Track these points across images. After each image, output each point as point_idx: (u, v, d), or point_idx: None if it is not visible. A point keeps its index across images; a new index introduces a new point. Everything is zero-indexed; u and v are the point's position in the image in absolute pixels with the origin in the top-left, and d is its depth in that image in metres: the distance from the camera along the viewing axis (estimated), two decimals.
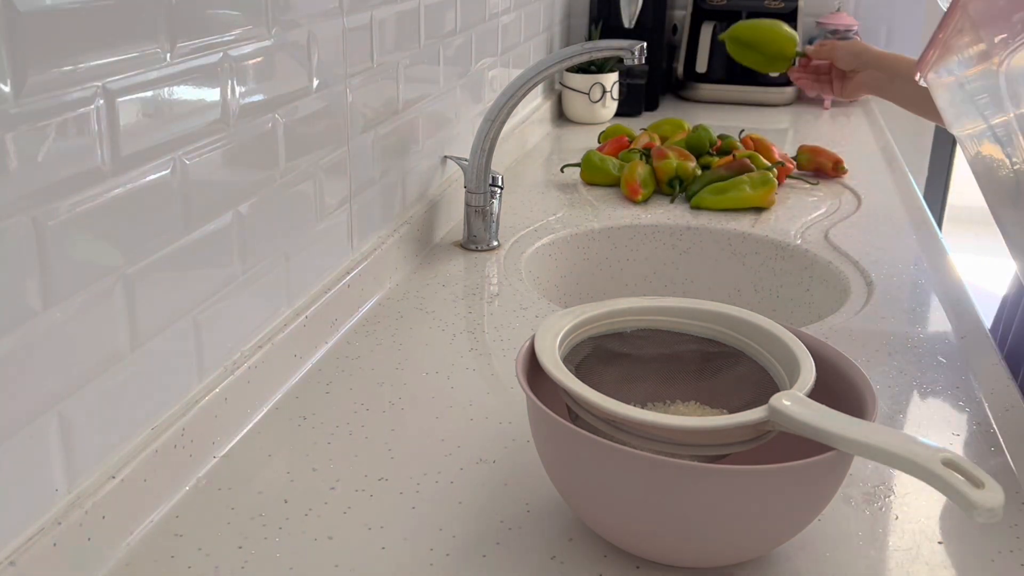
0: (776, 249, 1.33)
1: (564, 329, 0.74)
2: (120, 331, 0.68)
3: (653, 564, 0.67)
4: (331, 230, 1.01)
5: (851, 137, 1.95)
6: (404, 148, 1.19)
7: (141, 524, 0.70)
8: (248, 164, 0.83)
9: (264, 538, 0.69)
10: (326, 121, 0.97)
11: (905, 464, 0.58)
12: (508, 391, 0.91)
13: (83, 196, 0.63)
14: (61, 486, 0.63)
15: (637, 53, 1.17)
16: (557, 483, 0.69)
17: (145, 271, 0.70)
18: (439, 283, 1.16)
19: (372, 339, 1.01)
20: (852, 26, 2.21)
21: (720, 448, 0.66)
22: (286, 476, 0.77)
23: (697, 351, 0.78)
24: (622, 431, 0.65)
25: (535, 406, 0.66)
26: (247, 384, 0.83)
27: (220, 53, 0.77)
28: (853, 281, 1.19)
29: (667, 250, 1.39)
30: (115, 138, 0.65)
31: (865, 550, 0.69)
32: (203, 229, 0.77)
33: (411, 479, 0.77)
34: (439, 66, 1.29)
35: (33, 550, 0.60)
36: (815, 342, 0.74)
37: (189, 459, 0.75)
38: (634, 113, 2.08)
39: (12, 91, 0.56)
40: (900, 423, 0.87)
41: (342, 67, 1.00)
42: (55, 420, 0.62)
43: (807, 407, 0.63)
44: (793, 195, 1.52)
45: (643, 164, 1.51)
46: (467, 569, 0.67)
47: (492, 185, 1.27)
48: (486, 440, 0.82)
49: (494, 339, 1.03)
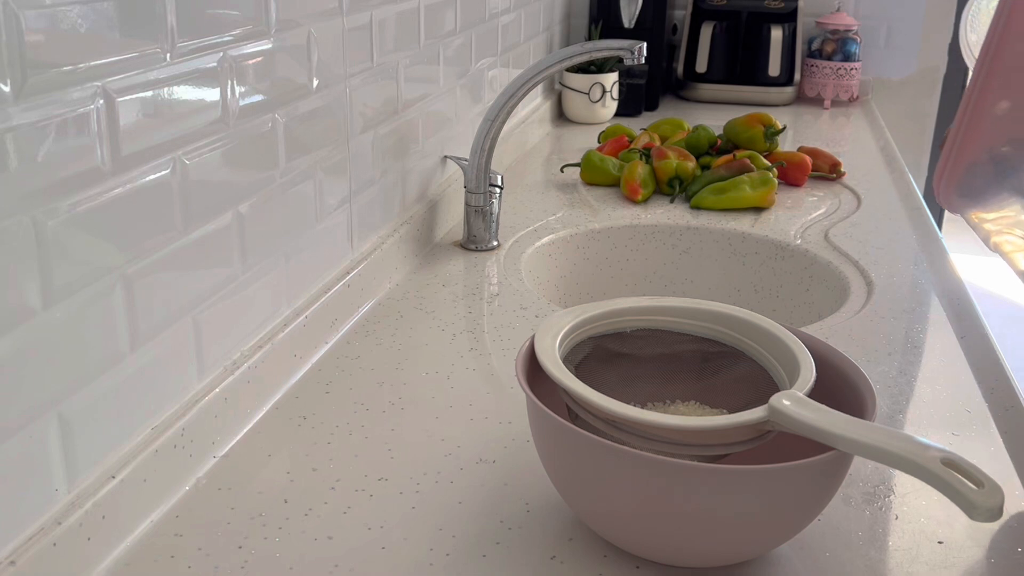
0: (776, 249, 1.33)
1: (564, 329, 0.74)
2: (120, 331, 0.68)
3: (653, 564, 0.67)
4: (331, 230, 1.01)
5: (851, 137, 1.95)
6: (404, 148, 1.19)
7: (141, 524, 0.70)
8: (248, 164, 0.83)
9: (264, 538, 0.69)
10: (326, 121, 0.97)
11: (905, 464, 0.58)
12: (508, 391, 0.91)
13: (83, 196, 0.63)
14: (61, 486, 0.63)
15: (637, 53, 1.17)
16: (557, 483, 0.69)
17: (145, 271, 0.70)
18: (439, 283, 1.16)
19: (372, 339, 1.01)
20: (852, 26, 2.21)
21: (720, 448, 0.66)
22: (286, 476, 0.77)
23: (697, 351, 0.78)
24: (622, 431, 0.65)
25: (535, 406, 0.66)
26: (247, 384, 0.83)
27: (220, 53, 0.77)
28: (853, 281, 1.19)
29: (667, 250, 1.39)
30: (115, 138, 0.65)
31: (865, 550, 0.69)
32: (203, 229, 0.77)
33: (411, 479, 0.77)
34: (439, 66, 1.29)
35: (33, 550, 0.60)
36: (815, 342, 0.74)
37: (189, 459, 0.75)
38: (634, 113, 2.08)
39: (12, 91, 0.56)
40: (900, 423, 0.87)
41: (342, 67, 1.00)
42: (55, 420, 0.62)
43: (807, 407, 0.63)
44: (793, 195, 1.52)
45: (643, 164, 1.51)
46: (467, 569, 0.67)
47: (492, 185, 1.27)
48: (486, 440, 0.82)
49: (494, 339, 1.03)
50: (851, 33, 2.21)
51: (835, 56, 2.21)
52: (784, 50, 2.19)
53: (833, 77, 2.20)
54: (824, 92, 2.22)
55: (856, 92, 2.22)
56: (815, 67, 2.22)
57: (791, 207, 1.46)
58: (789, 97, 2.21)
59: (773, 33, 2.18)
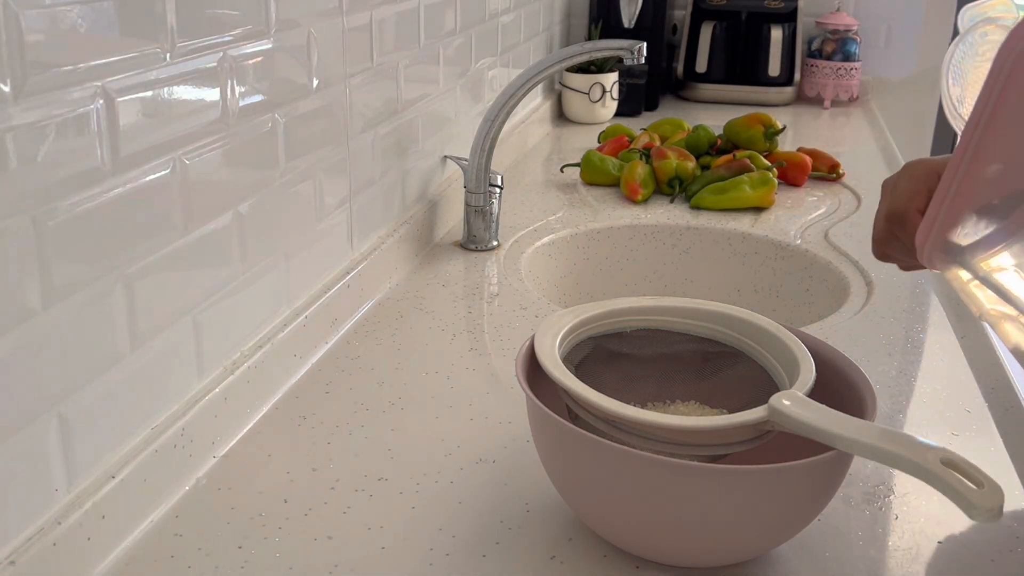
0: (776, 249, 1.33)
1: (564, 329, 0.74)
2: (120, 331, 0.68)
3: (653, 564, 0.67)
4: (331, 230, 1.01)
5: (851, 137, 1.95)
6: (404, 148, 1.19)
7: (141, 524, 0.70)
8: (248, 164, 0.83)
9: (264, 538, 0.69)
10: (326, 121, 0.97)
11: (905, 464, 0.58)
12: (508, 391, 0.91)
13: (83, 196, 0.63)
14: (61, 486, 0.63)
15: (637, 53, 1.17)
16: (557, 483, 0.69)
17: (145, 271, 0.70)
18: (439, 283, 1.16)
19: (372, 339, 1.01)
20: (852, 26, 2.21)
21: (720, 448, 0.66)
22: (286, 476, 0.77)
23: (697, 351, 0.78)
24: (622, 431, 0.65)
25: (535, 406, 0.66)
26: (247, 384, 0.83)
27: (220, 53, 0.77)
28: (853, 281, 1.19)
29: (667, 250, 1.39)
30: (115, 138, 0.65)
31: (865, 550, 0.69)
32: (203, 229, 0.77)
33: (411, 479, 0.77)
34: (439, 66, 1.29)
35: (33, 550, 0.60)
36: (815, 342, 0.74)
37: (189, 459, 0.75)
38: (634, 113, 2.08)
39: (12, 91, 0.56)
40: (900, 423, 0.87)
41: (342, 67, 1.00)
42: (55, 420, 0.62)
43: (807, 407, 0.63)
44: (793, 195, 1.52)
45: (643, 164, 1.51)
46: (467, 569, 0.67)
47: (492, 185, 1.27)
48: (486, 440, 0.82)
49: (494, 339, 1.03)
50: (851, 33, 2.21)
51: (835, 56, 2.21)
52: (784, 50, 2.19)
53: (833, 77, 2.20)
54: (824, 92, 2.22)
55: (856, 92, 2.22)
56: (815, 67, 2.22)
57: (791, 207, 1.46)
58: (789, 97, 2.21)
59: (773, 33, 2.18)
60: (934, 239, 0.66)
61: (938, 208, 0.66)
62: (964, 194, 0.64)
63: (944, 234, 0.66)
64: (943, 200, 0.65)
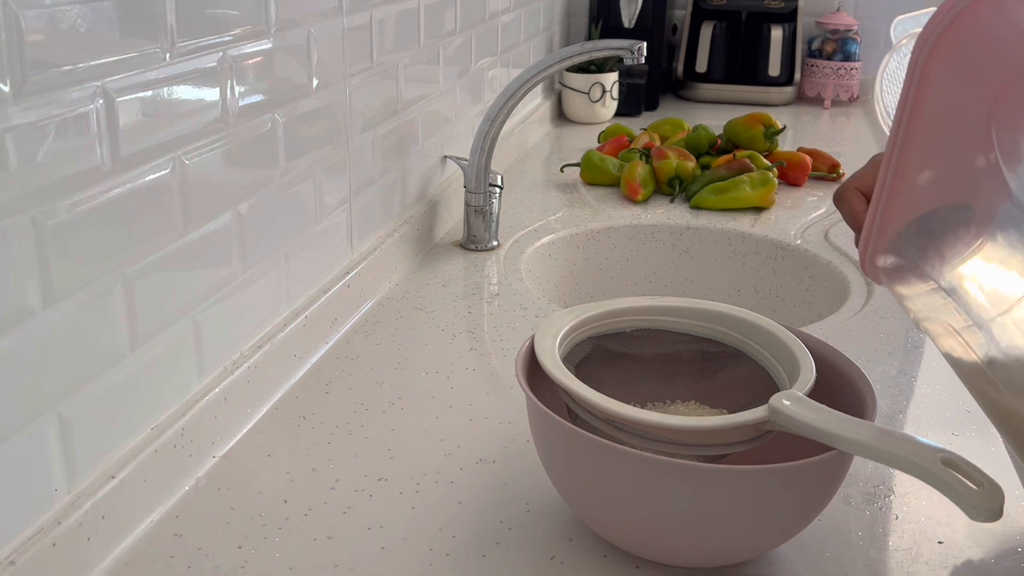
0: (776, 249, 1.33)
1: (564, 329, 0.74)
2: (120, 331, 0.68)
3: (653, 564, 0.67)
4: (331, 230, 1.01)
5: (851, 137, 1.95)
6: (404, 148, 1.19)
7: (141, 524, 0.70)
8: (247, 164, 0.83)
9: (264, 538, 0.69)
10: (326, 121, 0.97)
11: (905, 464, 0.58)
12: (508, 391, 0.91)
13: (83, 196, 0.63)
14: (61, 486, 0.63)
15: (637, 53, 1.17)
16: (557, 483, 0.69)
17: (145, 271, 0.70)
18: (439, 283, 1.16)
19: (372, 339, 1.01)
20: (852, 26, 2.21)
21: (720, 448, 0.66)
22: (286, 476, 0.77)
23: (697, 351, 0.78)
24: (622, 431, 0.65)
25: (535, 406, 0.66)
26: (247, 384, 0.83)
27: (220, 53, 0.77)
28: (853, 281, 1.19)
29: (667, 250, 1.39)
30: (115, 138, 0.65)
31: (865, 550, 0.69)
32: (203, 229, 0.77)
33: (411, 479, 0.77)
34: (439, 66, 1.29)
35: (33, 550, 0.60)
36: (815, 342, 0.74)
37: (189, 459, 0.75)
38: (634, 113, 2.08)
39: (12, 91, 0.56)
40: (900, 423, 0.87)
41: (342, 67, 1.00)
42: (55, 420, 0.62)
43: (807, 407, 0.63)
44: (793, 195, 1.52)
45: (643, 164, 1.51)
46: (467, 569, 0.67)
47: (492, 185, 1.27)
48: (486, 440, 0.82)
49: (494, 339, 1.03)
50: (851, 33, 2.21)
51: (835, 56, 2.21)
52: (784, 50, 2.19)
53: (833, 77, 2.21)
54: (824, 92, 2.22)
55: (856, 92, 2.22)
56: (815, 67, 2.22)
57: (791, 207, 1.46)
58: (789, 97, 2.21)
59: (773, 33, 2.18)
60: (872, 252, 0.65)
61: (872, 218, 0.64)
62: (895, 203, 0.62)
63: (880, 247, 0.64)
64: (875, 211, 0.63)
